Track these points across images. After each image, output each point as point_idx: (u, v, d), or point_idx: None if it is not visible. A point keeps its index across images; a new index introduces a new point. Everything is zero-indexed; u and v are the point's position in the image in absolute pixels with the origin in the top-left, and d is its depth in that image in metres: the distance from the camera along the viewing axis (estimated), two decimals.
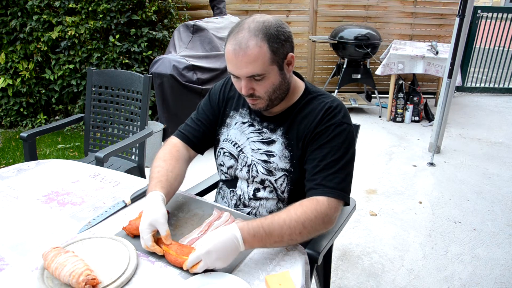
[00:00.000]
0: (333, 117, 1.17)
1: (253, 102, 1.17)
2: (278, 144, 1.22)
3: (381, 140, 3.94)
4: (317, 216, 1.05)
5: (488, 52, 5.30)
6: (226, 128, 1.33)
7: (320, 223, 1.05)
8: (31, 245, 1.07)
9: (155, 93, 3.31)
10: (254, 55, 1.06)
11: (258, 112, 1.27)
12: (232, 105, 1.33)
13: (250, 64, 1.06)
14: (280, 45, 1.09)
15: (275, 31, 1.08)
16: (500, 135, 4.12)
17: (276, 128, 1.24)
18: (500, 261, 2.23)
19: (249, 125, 1.28)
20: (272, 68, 1.10)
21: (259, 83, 1.11)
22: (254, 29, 1.06)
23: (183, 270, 0.98)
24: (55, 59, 3.89)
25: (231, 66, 1.10)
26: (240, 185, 1.31)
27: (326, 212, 1.07)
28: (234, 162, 1.30)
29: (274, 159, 1.22)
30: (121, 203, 1.27)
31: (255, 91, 1.13)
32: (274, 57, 1.08)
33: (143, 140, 2.21)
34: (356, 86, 5.32)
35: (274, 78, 1.12)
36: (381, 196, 2.92)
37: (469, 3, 3.05)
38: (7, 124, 4.15)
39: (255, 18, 1.10)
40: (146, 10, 3.80)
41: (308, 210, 1.05)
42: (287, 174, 1.22)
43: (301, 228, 1.02)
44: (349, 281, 2.07)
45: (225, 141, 1.32)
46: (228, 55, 1.09)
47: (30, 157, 2.07)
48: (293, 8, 4.95)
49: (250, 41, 1.05)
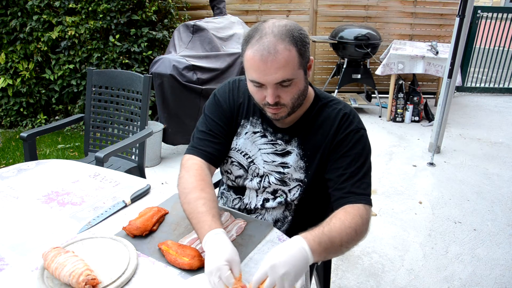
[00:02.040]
0: (350, 124, 1.16)
1: (276, 112, 1.10)
2: (294, 155, 1.20)
3: (381, 140, 3.94)
4: (363, 222, 1.04)
5: (488, 52, 5.30)
6: (235, 136, 1.26)
7: (365, 230, 1.05)
8: (31, 245, 1.07)
9: (155, 93, 3.31)
10: (285, 60, 1.00)
11: (270, 122, 1.22)
12: (243, 113, 1.25)
13: (280, 70, 1.01)
14: (306, 48, 1.06)
15: (298, 33, 1.04)
16: (500, 135, 4.12)
17: (291, 139, 1.20)
18: (500, 261, 2.23)
19: (261, 136, 1.23)
20: (300, 72, 1.06)
21: (286, 89, 1.05)
22: (279, 33, 1.01)
23: (183, 270, 0.98)
24: (55, 59, 3.89)
25: (257, 74, 1.02)
26: (248, 194, 1.28)
27: (367, 218, 1.07)
28: (244, 173, 1.25)
29: (288, 170, 1.20)
30: (121, 203, 1.27)
31: (280, 99, 1.07)
32: (301, 60, 1.04)
33: (143, 140, 2.20)
34: (356, 86, 5.32)
35: (300, 83, 1.07)
36: (381, 196, 2.92)
37: (469, 3, 3.05)
38: (7, 124, 4.15)
39: (274, 22, 1.05)
40: (146, 10, 3.80)
41: (356, 217, 1.04)
42: (301, 184, 1.20)
43: (354, 234, 1.01)
44: (349, 281, 2.07)
45: (233, 150, 1.26)
46: (254, 62, 1.01)
47: (30, 157, 2.07)
48: (293, 8, 4.95)
49: (278, 45, 1.00)
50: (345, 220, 1.01)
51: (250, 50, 1.02)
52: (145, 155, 2.30)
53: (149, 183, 1.40)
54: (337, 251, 1.00)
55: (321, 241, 0.93)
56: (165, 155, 3.55)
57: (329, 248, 0.95)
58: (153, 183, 1.40)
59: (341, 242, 0.97)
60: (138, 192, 1.31)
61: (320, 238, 0.94)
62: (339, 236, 0.97)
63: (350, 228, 1.00)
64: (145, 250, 1.06)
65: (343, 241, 0.98)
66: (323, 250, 0.93)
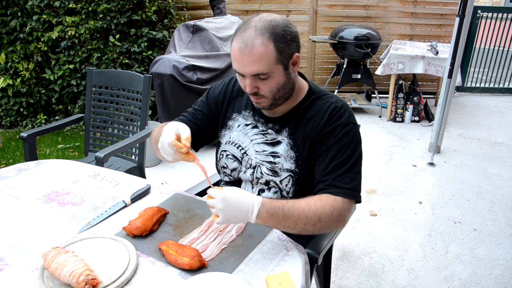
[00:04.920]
0: (340, 118, 1.17)
1: (257, 101, 1.17)
2: (284, 145, 1.22)
3: (381, 140, 3.94)
4: (333, 213, 1.06)
5: (488, 52, 5.30)
6: (228, 130, 1.32)
7: (334, 221, 1.07)
8: (31, 245, 1.07)
9: (155, 93, 3.31)
10: (260, 54, 1.05)
11: (262, 114, 1.26)
12: (235, 107, 1.32)
13: (255, 63, 1.06)
14: (286, 45, 1.09)
15: (281, 30, 1.07)
16: (500, 135, 4.12)
17: (282, 129, 1.23)
18: (500, 261, 2.23)
19: (253, 127, 1.27)
20: (277, 67, 1.09)
21: (263, 82, 1.11)
22: (260, 28, 1.06)
23: (183, 270, 0.98)
24: (55, 59, 3.89)
25: (237, 64, 1.10)
26: (244, 186, 1.31)
27: (341, 211, 1.08)
28: (238, 165, 1.29)
29: (279, 159, 1.22)
30: (121, 203, 1.27)
31: (259, 90, 1.13)
32: (279, 56, 1.08)
33: (143, 140, 2.21)
34: (356, 86, 5.32)
35: (279, 77, 1.11)
36: (381, 196, 2.92)
37: (469, 3, 3.04)
38: (7, 124, 4.15)
39: (262, 17, 1.10)
40: (146, 10, 3.80)
41: (326, 206, 1.06)
42: (292, 175, 1.21)
43: (316, 220, 1.04)
44: (349, 281, 2.07)
45: (228, 144, 1.31)
46: (234, 53, 1.09)
47: (30, 157, 2.07)
48: (293, 8, 4.95)
49: (256, 39, 1.05)
50: (312, 205, 1.06)
51: (234, 42, 1.09)
52: (145, 155, 2.31)
53: (149, 183, 1.40)
54: (290, 228, 1.05)
55: (274, 213, 1.02)
56: None
57: (279, 221, 1.03)
58: (153, 183, 1.41)
59: (296, 223, 1.04)
60: (138, 192, 1.31)
61: (275, 211, 1.03)
62: (296, 217, 1.03)
63: (314, 214, 1.04)
64: (145, 250, 1.06)
65: (300, 222, 1.04)
66: (271, 220, 1.03)
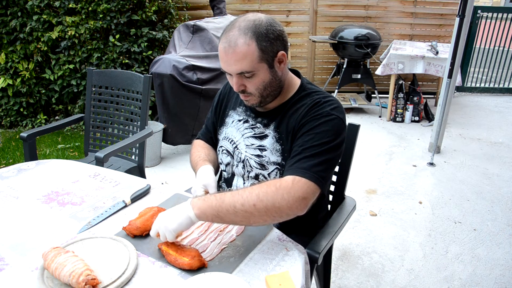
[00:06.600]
0: (321, 109, 1.16)
1: (246, 98, 1.21)
2: (270, 138, 1.24)
3: (381, 140, 3.94)
4: (275, 192, 1.01)
5: (488, 52, 5.30)
6: (224, 127, 1.37)
7: (279, 199, 1.00)
8: (31, 245, 1.07)
9: (155, 93, 3.31)
10: (242, 53, 1.09)
11: (253, 109, 1.30)
12: (231, 105, 1.38)
13: (239, 62, 1.10)
14: (269, 44, 1.12)
15: (264, 29, 1.11)
16: (500, 135, 4.12)
17: (269, 123, 1.26)
18: (500, 261, 2.23)
19: (244, 122, 1.31)
20: (261, 65, 1.13)
21: (249, 80, 1.15)
22: (244, 27, 1.10)
23: (183, 270, 0.98)
24: (55, 59, 3.89)
25: (223, 63, 1.14)
26: (236, 182, 1.32)
27: (289, 189, 1.02)
28: (231, 159, 1.33)
29: (266, 153, 1.24)
30: (121, 203, 1.27)
31: (246, 88, 1.17)
32: (262, 55, 1.11)
33: (143, 140, 2.20)
34: (356, 86, 5.32)
35: (264, 75, 1.15)
36: (381, 196, 2.92)
37: (469, 3, 3.04)
38: (7, 124, 4.15)
39: (246, 17, 1.13)
40: (146, 10, 3.80)
41: (266, 184, 1.03)
42: (279, 167, 1.23)
43: (255, 199, 1.00)
44: (349, 281, 2.07)
45: (223, 140, 1.36)
46: (220, 53, 1.13)
47: (30, 157, 2.07)
48: (293, 8, 4.95)
49: (239, 39, 1.09)
50: (250, 187, 1.04)
51: (220, 41, 1.13)
52: (145, 155, 2.31)
53: (149, 183, 1.40)
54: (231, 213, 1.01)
55: (206, 198, 1.04)
56: (165, 155, 3.55)
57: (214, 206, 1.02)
58: (153, 183, 1.41)
59: (233, 203, 1.01)
60: (138, 192, 1.31)
61: (207, 197, 1.05)
62: (230, 197, 1.02)
63: (250, 192, 1.02)
64: (145, 250, 1.06)
65: (237, 202, 1.01)
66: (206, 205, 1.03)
